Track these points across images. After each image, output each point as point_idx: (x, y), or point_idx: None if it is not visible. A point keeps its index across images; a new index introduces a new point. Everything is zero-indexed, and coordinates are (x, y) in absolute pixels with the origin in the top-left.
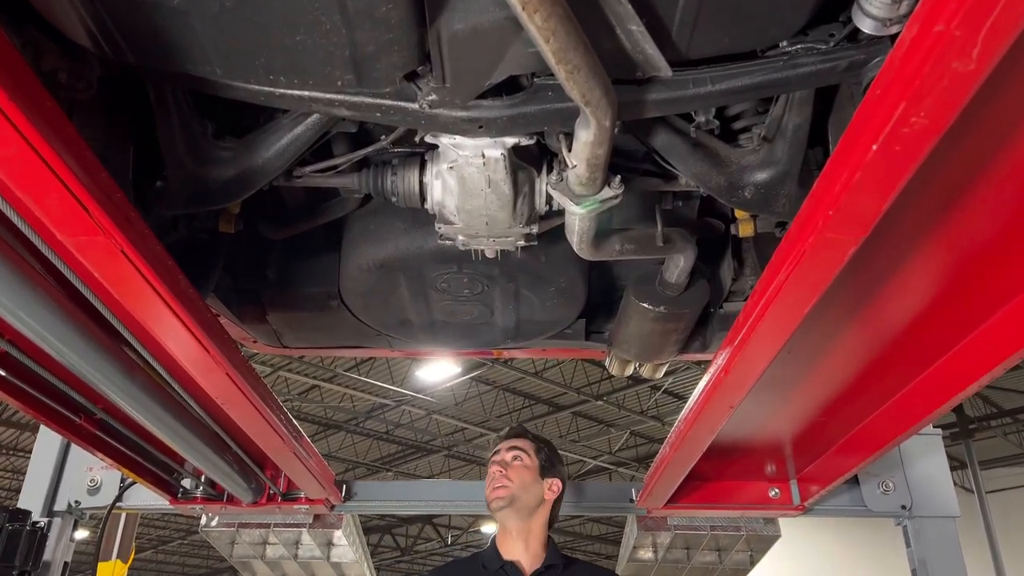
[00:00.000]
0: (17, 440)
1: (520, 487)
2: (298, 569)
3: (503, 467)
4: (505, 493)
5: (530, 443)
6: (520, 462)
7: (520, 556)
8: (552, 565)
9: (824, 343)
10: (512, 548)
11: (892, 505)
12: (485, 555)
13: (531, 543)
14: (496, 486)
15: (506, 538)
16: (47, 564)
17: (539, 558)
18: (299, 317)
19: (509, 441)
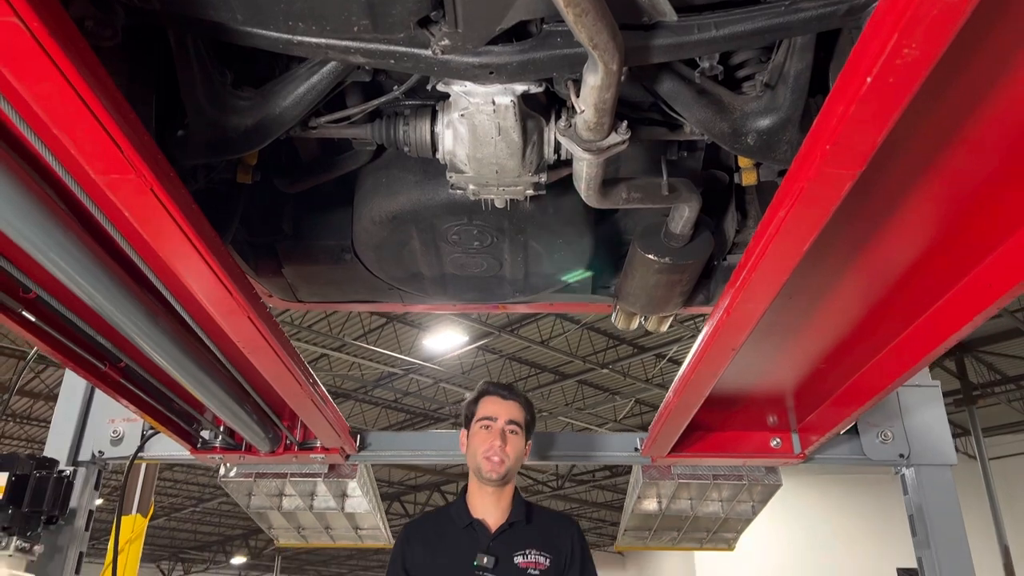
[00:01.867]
0: (31, 409)
1: (515, 462)
2: (313, 520)
3: (502, 440)
4: (503, 469)
5: (523, 414)
6: (516, 435)
7: (488, 514)
8: (516, 521)
9: (823, 289)
10: (481, 507)
11: (890, 454)
12: (454, 511)
13: (501, 502)
14: (495, 459)
15: (479, 497)
16: (73, 511)
17: (505, 513)
18: (313, 270)
19: (507, 408)
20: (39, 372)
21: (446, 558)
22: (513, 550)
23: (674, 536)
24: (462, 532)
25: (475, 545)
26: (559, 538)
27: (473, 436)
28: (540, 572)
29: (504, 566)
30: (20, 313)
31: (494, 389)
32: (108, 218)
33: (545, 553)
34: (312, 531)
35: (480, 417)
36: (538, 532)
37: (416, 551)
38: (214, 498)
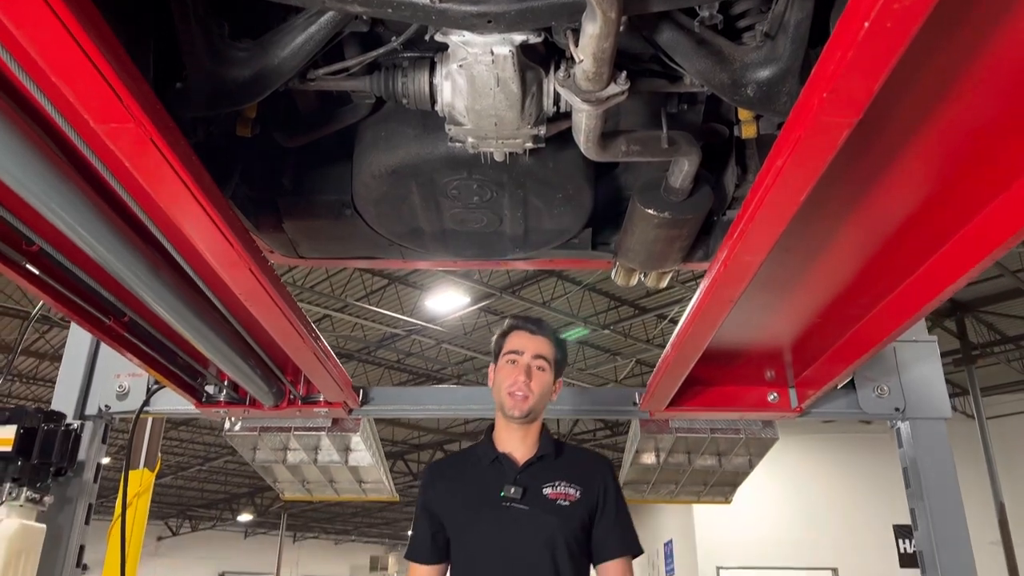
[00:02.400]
0: (36, 369)
1: (539, 398)
2: (317, 473)
3: (527, 375)
4: (527, 406)
5: (552, 349)
6: (543, 371)
7: (515, 449)
8: (544, 455)
9: (821, 243)
10: (508, 442)
11: (886, 408)
12: (480, 448)
13: (528, 437)
14: (519, 395)
15: (505, 434)
16: (81, 463)
17: (533, 449)
18: (314, 226)
19: (534, 342)
20: (43, 332)
21: (472, 492)
22: (541, 482)
23: (672, 489)
24: (488, 467)
25: (502, 478)
26: (590, 473)
27: (499, 371)
28: (570, 503)
29: (532, 497)
30: (24, 266)
31: (522, 324)
32: (109, 169)
33: (575, 485)
34: (317, 485)
35: (507, 351)
36: (568, 465)
37: (439, 490)
38: (219, 457)
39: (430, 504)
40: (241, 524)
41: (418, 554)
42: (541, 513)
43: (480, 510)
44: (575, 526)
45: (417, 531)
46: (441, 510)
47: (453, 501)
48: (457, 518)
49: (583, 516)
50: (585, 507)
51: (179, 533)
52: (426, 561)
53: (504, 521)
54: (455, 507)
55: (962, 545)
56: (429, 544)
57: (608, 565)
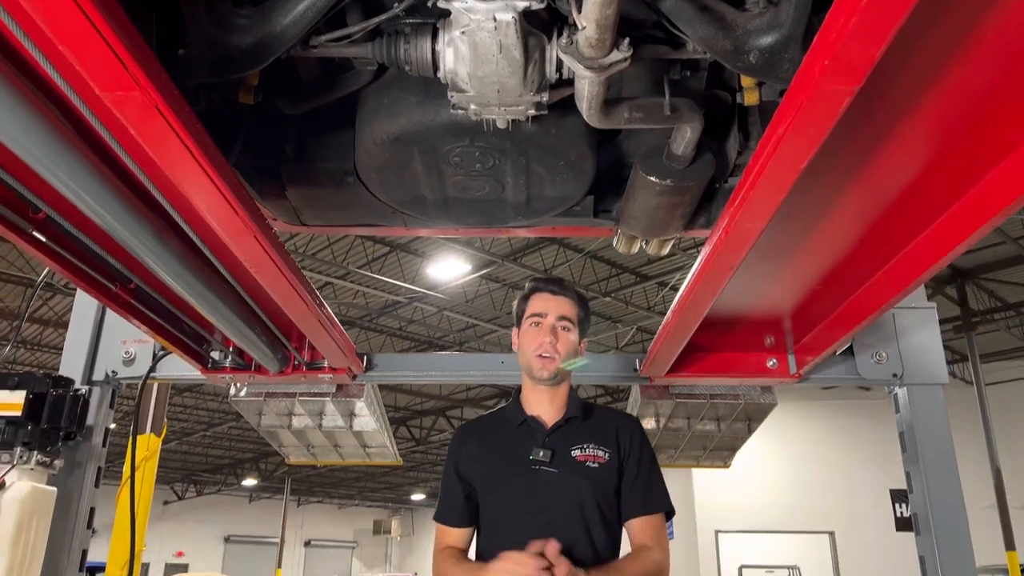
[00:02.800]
0: (41, 336)
1: (566, 359)
2: (322, 438)
3: (553, 336)
4: (553, 367)
5: (575, 309)
6: (568, 331)
7: (543, 411)
8: (573, 417)
9: (822, 210)
10: (536, 405)
11: (884, 373)
12: (509, 410)
13: (556, 400)
14: (546, 357)
15: (532, 396)
16: (90, 428)
17: (561, 411)
18: (317, 193)
19: (557, 303)
20: (47, 299)
21: (501, 454)
22: (570, 444)
23: (671, 454)
24: (517, 429)
25: (530, 440)
26: (618, 432)
27: (523, 335)
28: (599, 465)
29: (561, 459)
30: (31, 234)
31: (544, 285)
32: (114, 137)
33: (604, 447)
34: (321, 449)
35: (530, 314)
36: (596, 426)
37: (471, 450)
38: (224, 423)
39: (461, 466)
40: (246, 489)
41: (449, 517)
42: (570, 475)
43: (509, 473)
44: (605, 488)
45: (447, 493)
46: (470, 472)
47: (482, 464)
48: (486, 480)
49: (612, 477)
50: (614, 468)
51: (185, 498)
52: (457, 524)
53: (533, 484)
54: (484, 470)
55: (956, 507)
56: (462, 507)
57: (634, 523)
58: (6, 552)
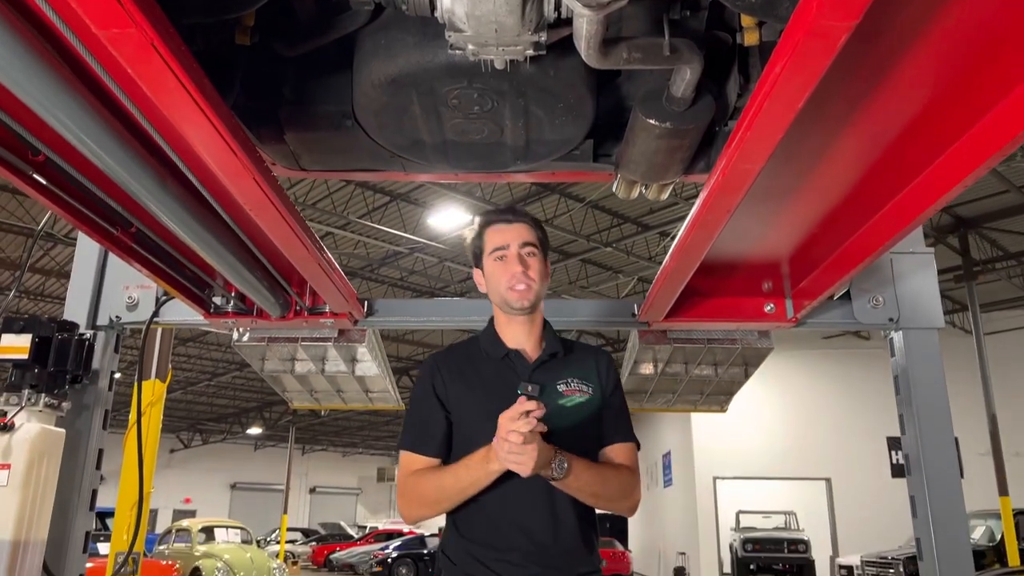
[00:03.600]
0: (43, 286)
1: (540, 286)
2: (325, 383)
3: (522, 264)
4: (532, 295)
5: (534, 232)
6: (534, 256)
7: (523, 344)
8: (556, 352)
9: (820, 152)
10: (514, 338)
11: (880, 318)
12: (485, 342)
13: (534, 330)
14: (521, 288)
15: (509, 329)
16: (96, 372)
17: (540, 343)
18: (315, 137)
19: (516, 231)
20: (48, 249)
21: (485, 386)
22: (555, 379)
23: (669, 398)
24: (499, 362)
25: (514, 374)
26: (596, 367)
27: (490, 273)
28: (585, 399)
29: (548, 394)
30: (31, 176)
31: (497, 216)
32: (111, 76)
33: (587, 382)
34: (325, 394)
35: (491, 250)
36: (576, 361)
37: (449, 381)
38: (227, 372)
39: (440, 393)
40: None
41: (426, 447)
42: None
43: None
44: (590, 421)
45: (424, 422)
46: (452, 402)
47: (466, 395)
48: (471, 413)
49: (596, 411)
50: (596, 402)
51: (191, 446)
52: (433, 454)
53: None
54: (469, 401)
55: (947, 448)
56: (441, 436)
57: (613, 448)
58: (18, 490)
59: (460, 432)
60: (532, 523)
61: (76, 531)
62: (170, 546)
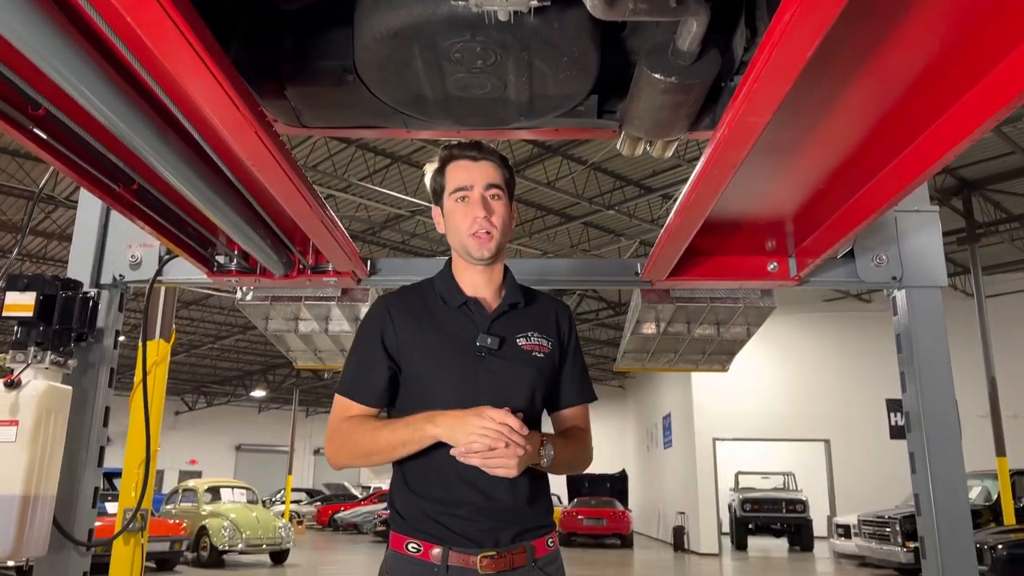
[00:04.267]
0: (45, 249)
1: (503, 232)
2: (329, 343)
3: (485, 208)
4: (493, 244)
5: (500, 172)
6: (499, 200)
7: (483, 292)
8: (516, 303)
9: (825, 107)
10: (472, 285)
11: (883, 276)
12: (442, 287)
13: (494, 278)
14: (482, 235)
15: (468, 276)
16: (101, 330)
17: (499, 292)
18: (316, 92)
19: (481, 169)
20: (49, 212)
21: (441, 336)
22: (515, 332)
23: (671, 358)
24: (456, 311)
25: (472, 325)
26: (556, 321)
27: (450, 214)
28: (544, 355)
29: (508, 348)
30: (32, 131)
31: (460, 152)
32: (110, 25)
33: (547, 336)
34: (328, 354)
35: (452, 189)
36: (537, 314)
37: (400, 327)
38: (231, 335)
39: (389, 341)
40: (255, 399)
41: (364, 394)
42: (517, 365)
43: (452, 357)
44: (547, 377)
45: (365, 368)
46: (401, 350)
47: (418, 343)
48: (422, 362)
49: (554, 367)
50: (555, 357)
51: (195, 408)
52: (371, 404)
53: (480, 372)
54: (421, 350)
55: (948, 406)
56: (382, 386)
57: (571, 410)
58: (27, 446)
59: (411, 380)
60: (483, 479)
61: (85, 487)
62: (177, 506)
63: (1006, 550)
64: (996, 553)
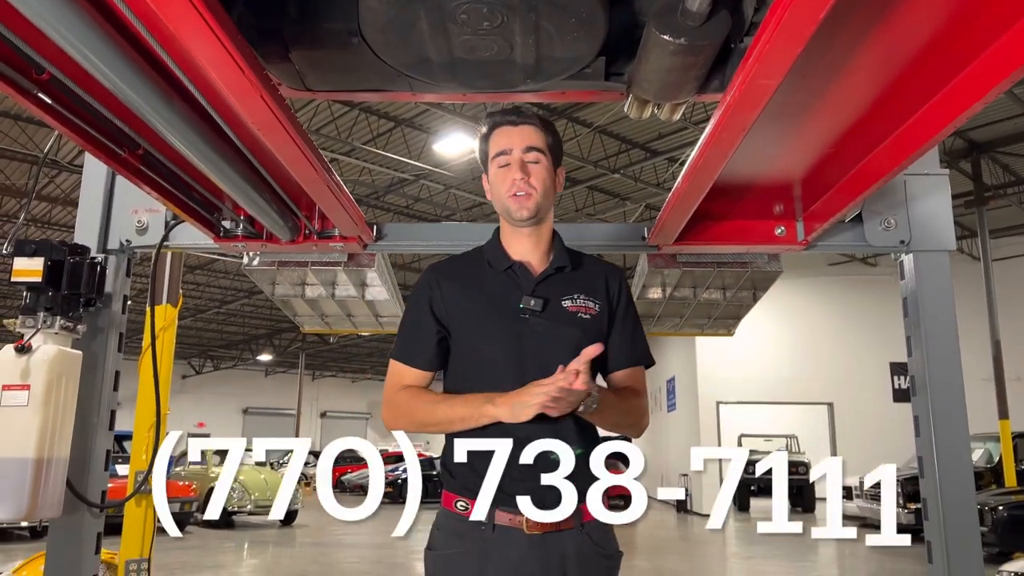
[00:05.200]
0: (50, 214)
1: (544, 194)
2: (335, 307)
3: (524, 171)
4: (532, 203)
5: (542, 135)
6: (539, 164)
7: (528, 256)
8: (562, 266)
9: (836, 69)
10: (520, 249)
11: (891, 240)
12: (490, 253)
13: (540, 243)
14: (520, 196)
15: (515, 240)
16: (109, 295)
17: (547, 256)
18: (321, 55)
19: (521, 134)
20: (53, 177)
21: (487, 300)
22: (561, 294)
23: (676, 322)
24: (502, 274)
25: (517, 288)
26: (608, 282)
27: (493, 179)
28: (591, 317)
29: (552, 310)
30: (36, 95)
31: (502, 118)
32: None
33: (594, 298)
34: (335, 318)
35: (495, 154)
36: (585, 276)
37: (448, 293)
38: (236, 300)
39: (437, 306)
40: (261, 363)
41: (417, 358)
42: (562, 326)
43: (498, 320)
44: (595, 339)
45: (417, 333)
46: (449, 315)
47: (465, 308)
48: (469, 326)
49: (602, 329)
50: (603, 319)
51: (202, 372)
52: (424, 367)
53: (524, 333)
54: (468, 314)
55: (953, 370)
56: (433, 349)
57: (621, 374)
58: (39, 410)
59: (460, 344)
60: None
61: (97, 449)
62: (186, 468)
63: (1006, 511)
64: (996, 514)
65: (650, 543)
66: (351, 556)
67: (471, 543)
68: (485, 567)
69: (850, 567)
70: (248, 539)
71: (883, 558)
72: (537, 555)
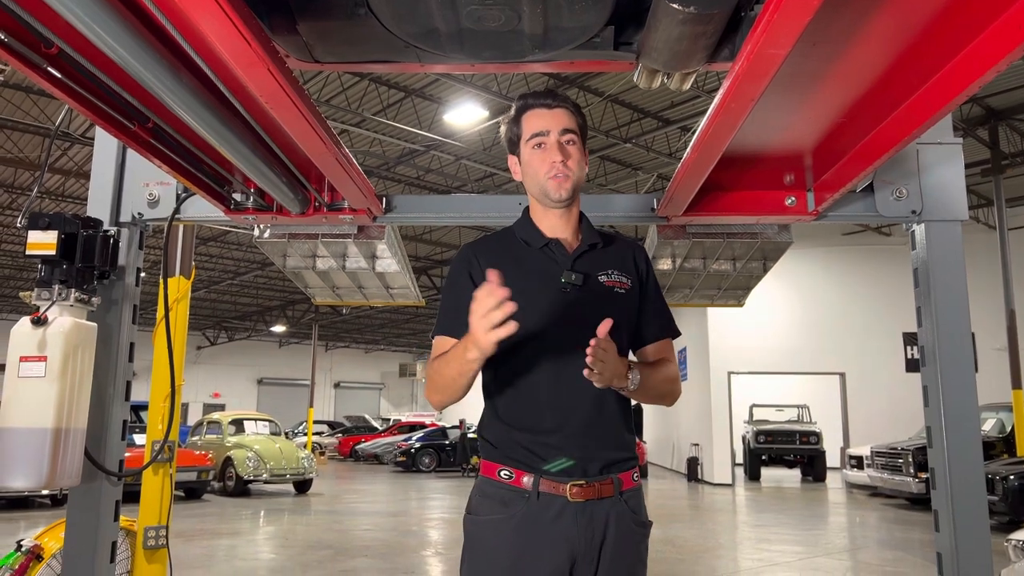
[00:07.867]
0: (64, 187)
1: (579, 176)
2: (347, 279)
3: (562, 153)
4: (570, 185)
5: (574, 118)
6: (574, 145)
7: (562, 234)
8: (595, 243)
9: (847, 37)
10: (553, 227)
11: (903, 210)
12: (522, 231)
13: (571, 221)
14: (560, 177)
15: (547, 219)
16: (122, 268)
17: (578, 234)
18: (328, 27)
19: (556, 117)
20: (66, 150)
21: (526, 275)
22: (596, 270)
23: (686, 293)
24: (539, 252)
25: (555, 264)
26: (636, 259)
27: (527, 161)
28: (625, 291)
29: (591, 284)
30: (45, 69)
31: (536, 100)
32: None
33: (626, 274)
34: (346, 290)
35: (529, 136)
36: (616, 253)
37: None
38: (249, 271)
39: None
40: (275, 335)
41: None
42: (602, 299)
43: (538, 294)
44: (629, 313)
45: (456, 307)
46: None
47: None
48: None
49: (634, 304)
50: (635, 294)
51: (217, 343)
52: None
53: (566, 307)
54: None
55: (963, 341)
56: None
57: (653, 346)
58: (56, 381)
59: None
60: (574, 408)
61: (114, 420)
62: (202, 437)
63: (1017, 481)
64: (1007, 483)
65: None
66: (365, 523)
67: (516, 510)
68: (529, 533)
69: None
70: (264, 507)
71: (893, 526)
72: (580, 522)
